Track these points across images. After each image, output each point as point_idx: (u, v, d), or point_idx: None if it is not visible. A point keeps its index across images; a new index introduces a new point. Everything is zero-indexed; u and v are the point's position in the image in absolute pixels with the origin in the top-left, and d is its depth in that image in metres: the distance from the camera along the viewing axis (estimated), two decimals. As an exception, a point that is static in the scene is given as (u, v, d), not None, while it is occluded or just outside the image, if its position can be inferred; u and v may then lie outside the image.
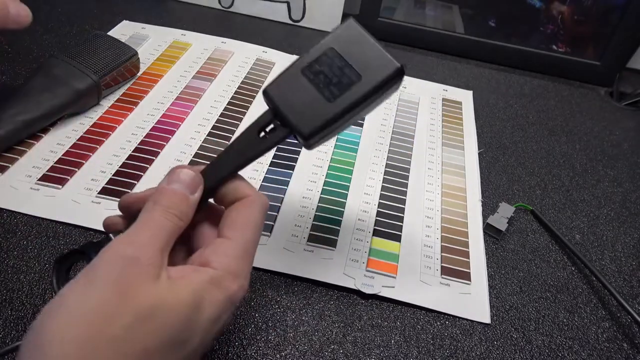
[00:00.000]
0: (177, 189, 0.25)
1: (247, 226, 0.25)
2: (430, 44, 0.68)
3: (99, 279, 0.20)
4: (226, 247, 0.24)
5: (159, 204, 0.24)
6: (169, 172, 0.26)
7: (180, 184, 0.25)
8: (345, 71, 0.27)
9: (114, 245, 0.22)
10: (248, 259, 0.25)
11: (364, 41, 0.28)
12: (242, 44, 0.60)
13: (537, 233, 0.42)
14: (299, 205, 0.40)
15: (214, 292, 0.22)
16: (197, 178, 0.26)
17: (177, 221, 0.24)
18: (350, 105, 0.27)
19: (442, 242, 0.39)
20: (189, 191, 0.25)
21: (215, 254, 0.24)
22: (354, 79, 0.27)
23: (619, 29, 0.62)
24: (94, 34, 0.50)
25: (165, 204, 0.24)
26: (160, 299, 0.20)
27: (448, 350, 0.32)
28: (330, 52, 0.28)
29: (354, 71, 0.27)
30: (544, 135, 0.55)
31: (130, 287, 0.20)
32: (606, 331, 0.35)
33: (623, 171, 0.51)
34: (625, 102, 0.63)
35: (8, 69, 0.51)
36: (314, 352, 0.31)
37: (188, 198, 0.25)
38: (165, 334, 0.20)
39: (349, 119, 0.28)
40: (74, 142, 0.43)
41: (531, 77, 0.66)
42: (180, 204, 0.24)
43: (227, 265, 0.23)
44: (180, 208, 0.24)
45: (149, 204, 0.24)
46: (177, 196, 0.25)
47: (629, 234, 0.43)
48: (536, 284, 0.38)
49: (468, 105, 0.57)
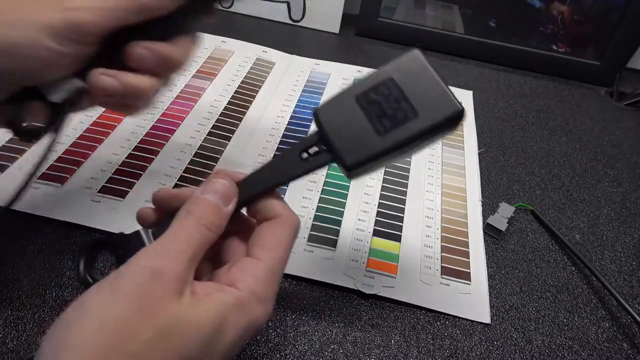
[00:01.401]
0: (210, 200, 0.24)
1: (277, 248, 0.25)
2: (430, 44, 0.68)
3: (124, 290, 0.20)
4: (254, 268, 0.24)
5: (191, 213, 0.24)
6: (206, 180, 0.26)
7: (215, 194, 0.25)
8: (401, 105, 0.26)
9: (142, 255, 0.21)
10: (274, 283, 0.24)
11: (426, 75, 0.26)
12: (242, 43, 0.60)
13: (537, 233, 0.42)
14: (299, 205, 0.40)
15: (237, 315, 0.22)
16: (233, 190, 0.26)
17: (207, 233, 0.23)
18: (400, 142, 0.25)
19: (442, 242, 0.39)
20: (222, 203, 0.25)
21: (243, 273, 0.23)
22: (409, 115, 0.25)
23: (619, 29, 0.62)
24: None
25: (198, 214, 0.24)
26: (181, 317, 0.20)
27: (448, 350, 0.32)
28: (389, 82, 0.26)
29: (411, 106, 0.25)
30: (544, 135, 0.55)
31: (152, 302, 0.20)
32: (606, 331, 0.35)
33: (623, 171, 0.51)
34: (625, 102, 0.63)
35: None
36: (314, 352, 0.31)
37: (221, 210, 0.25)
38: (183, 354, 0.20)
39: (397, 156, 0.27)
40: (73, 140, 0.43)
41: (531, 77, 0.66)
42: (213, 215, 0.24)
43: (253, 288, 0.23)
44: (212, 219, 0.24)
45: (182, 213, 0.24)
46: (210, 207, 0.24)
47: (629, 234, 0.43)
48: (536, 284, 0.38)
49: (468, 105, 0.57)
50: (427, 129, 0.25)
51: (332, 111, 0.27)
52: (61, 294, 0.32)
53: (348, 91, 0.27)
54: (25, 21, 0.25)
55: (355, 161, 0.26)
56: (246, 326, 0.22)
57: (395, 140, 0.25)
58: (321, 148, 0.27)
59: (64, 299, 0.31)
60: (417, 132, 0.25)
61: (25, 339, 0.29)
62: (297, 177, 0.27)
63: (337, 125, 0.26)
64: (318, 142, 0.27)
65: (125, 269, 0.21)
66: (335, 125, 0.26)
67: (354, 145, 0.26)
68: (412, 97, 0.26)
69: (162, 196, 0.27)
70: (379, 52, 0.67)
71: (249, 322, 0.22)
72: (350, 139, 0.26)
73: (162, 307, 0.20)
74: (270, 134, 0.47)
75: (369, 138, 0.26)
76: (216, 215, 0.24)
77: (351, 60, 0.62)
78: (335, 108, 0.27)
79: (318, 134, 0.27)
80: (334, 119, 0.26)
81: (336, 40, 0.68)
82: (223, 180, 0.25)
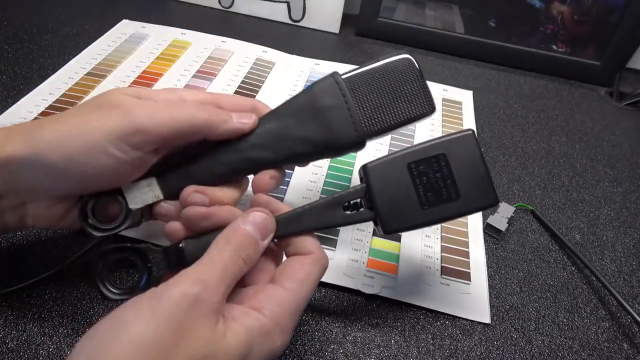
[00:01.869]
0: (250, 232, 0.25)
1: (306, 283, 0.25)
2: (430, 44, 0.68)
3: (163, 313, 0.20)
4: (281, 297, 0.24)
5: (230, 244, 0.24)
6: (246, 212, 0.26)
7: (255, 227, 0.25)
8: (447, 183, 0.27)
9: (182, 279, 0.22)
10: (297, 317, 0.25)
11: (475, 159, 0.28)
12: (242, 43, 0.60)
13: (537, 233, 0.42)
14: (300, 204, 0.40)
15: (261, 343, 0.22)
16: (271, 225, 0.26)
17: (243, 265, 0.24)
18: (439, 219, 0.28)
19: (442, 242, 0.39)
20: (260, 237, 0.25)
21: (269, 301, 0.24)
22: (452, 196, 0.27)
23: (619, 29, 0.62)
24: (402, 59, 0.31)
25: (236, 245, 0.24)
26: (213, 344, 0.21)
27: (448, 350, 0.32)
28: (442, 158, 0.28)
29: (456, 188, 0.27)
30: (544, 135, 0.55)
31: (190, 330, 0.20)
32: (606, 331, 0.35)
33: (623, 171, 0.51)
34: (625, 102, 0.63)
35: (8, 69, 0.51)
36: (314, 352, 0.31)
37: (258, 244, 0.25)
38: None
39: (428, 226, 0.29)
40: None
41: (531, 77, 0.66)
42: (250, 248, 0.25)
43: (279, 318, 0.23)
44: (248, 252, 0.25)
45: (221, 241, 0.24)
46: (248, 240, 0.25)
47: (629, 234, 0.43)
48: (536, 284, 0.38)
49: (468, 105, 0.56)
50: (465, 213, 0.28)
51: (382, 171, 0.28)
52: (61, 293, 0.32)
53: (401, 156, 0.28)
54: (90, 129, 0.26)
55: (395, 228, 0.28)
56: (268, 354, 0.23)
57: (435, 217, 0.27)
58: (364, 204, 0.28)
59: (64, 298, 0.31)
60: (456, 214, 0.28)
61: (25, 339, 0.29)
62: (335, 226, 0.29)
63: (385, 187, 0.28)
64: (362, 197, 0.28)
65: (166, 291, 0.21)
66: (383, 187, 0.28)
67: (396, 212, 0.28)
68: (458, 178, 0.27)
69: (194, 214, 0.27)
70: (379, 52, 0.67)
71: (271, 351, 0.23)
72: (395, 206, 0.27)
73: (198, 335, 0.21)
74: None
75: (412, 209, 0.27)
76: (253, 249, 0.25)
77: (351, 60, 0.62)
78: (387, 170, 0.28)
79: (364, 190, 0.28)
80: (382, 180, 0.28)
81: (336, 40, 0.68)
82: (263, 215, 0.26)
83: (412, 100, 0.30)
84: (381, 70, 0.30)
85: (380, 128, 0.30)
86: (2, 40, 0.55)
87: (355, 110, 0.30)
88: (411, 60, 0.31)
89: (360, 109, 0.30)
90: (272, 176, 0.30)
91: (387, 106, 0.30)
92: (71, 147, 0.25)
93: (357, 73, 0.31)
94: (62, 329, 0.30)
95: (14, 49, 0.54)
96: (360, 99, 0.30)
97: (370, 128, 0.30)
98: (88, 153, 0.25)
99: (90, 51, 0.55)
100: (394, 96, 0.30)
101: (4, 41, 0.55)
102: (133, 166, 0.27)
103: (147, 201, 0.30)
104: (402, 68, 0.30)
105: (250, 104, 0.32)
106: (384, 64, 0.31)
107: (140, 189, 0.29)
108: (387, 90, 0.30)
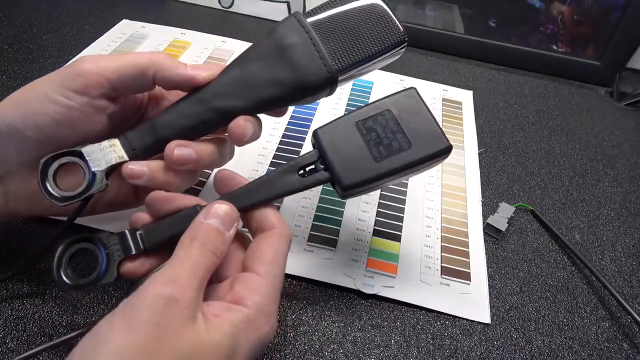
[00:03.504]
0: (214, 225, 0.25)
1: (275, 262, 0.25)
2: (430, 44, 0.68)
3: (139, 319, 0.20)
4: (258, 284, 0.24)
5: (196, 240, 0.24)
6: (207, 206, 0.26)
7: (218, 219, 0.25)
8: (397, 136, 0.28)
9: (152, 282, 0.22)
10: (277, 297, 0.25)
11: (420, 112, 0.29)
12: (242, 43, 0.60)
13: (537, 233, 0.42)
14: (299, 205, 0.40)
15: (248, 334, 0.23)
16: (234, 215, 0.26)
17: (213, 258, 0.24)
18: (394, 169, 0.28)
19: (442, 242, 0.39)
20: (225, 228, 0.25)
21: (248, 291, 0.24)
22: (403, 146, 0.28)
23: (619, 29, 0.62)
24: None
25: (202, 240, 0.24)
26: (197, 343, 0.21)
27: (448, 350, 0.32)
28: (388, 114, 0.29)
29: (406, 138, 0.28)
30: (544, 135, 0.55)
31: (169, 330, 0.20)
32: (606, 331, 0.35)
33: (623, 171, 0.51)
34: (625, 102, 0.63)
35: (8, 68, 0.51)
36: (314, 352, 0.31)
37: (224, 235, 0.25)
38: None
39: (388, 182, 0.29)
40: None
41: (531, 77, 0.66)
42: (216, 240, 0.25)
43: (260, 305, 0.23)
44: (216, 245, 0.24)
45: (186, 240, 0.24)
46: (214, 233, 0.25)
47: (629, 234, 0.43)
48: (536, 284, 0.38)
49: (468, 105, 0.56)
50: (419, 160, 0.28)
51: (332, 133, 0.29)
52: (61, 293, 0.32)
53: (348, 117, 0.29)
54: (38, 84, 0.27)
55: (352, 182, 0.28)
56: (257, 343, 0.23)
57: (390, 167, 0.28)
58: (318, 167, 0.29)
59: (64, 298, 0.31)
60: (410, 161, 0.28)
61: (25, 339, 0.29)
62: (293, 192, 0.29)
63: (337, 147, 0.28)
64: (316, 161, 0.29)
65: (138, 298, 0.21)
66: (335, 146, 0.28)
67: (351, 167, 0.28)
68: (407, 130, 0.28)
69: (155, 198, 0.27)
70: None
71: (259, 339, 0.23)
72: (349, 162, 0.28)
73: (178, 335, 0.20)
74: (270, 133, 0.47)
75: (366, 163, 0.28)
76: (219, 240, 0.25)
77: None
78: (335, 130, 0.29)
79: (317, 154, 0.29)
80: (333, 141, 0.28)
81: (336, 40, 0.68)
82: (225, 206, 0.26)
83: (380, 30, 0.30)
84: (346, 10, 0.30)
85: (350, 62, 0.29)
86: (2, 40, 0.55)
87: (320, 45, 0.29)
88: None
89: (327, 44, 0.29)
90: (245, 119, 0.29)
91: (354, 39, 0.30)
92: (22, 103, 0.26)
93: (317, 7, 0.31)
94: (62, 329, 0.30)
95: (14, 49, 0.54)
96: (326, 34, 0.30)
97: (340, 63, 0.29)
98: (37, 105, 0.26)
99: (90, 51, 0.55)
100: (360, 29, 0.30)
101: (4, 41, 0.55)
102: (86, 114, 0.27)
103: (110, 162, 0.28)
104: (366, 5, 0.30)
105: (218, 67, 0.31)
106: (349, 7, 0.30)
107: (102, 150, 0.28)
108: (352, 24, 0.30)
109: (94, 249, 0.27)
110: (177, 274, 0.22)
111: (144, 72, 0.28)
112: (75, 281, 0.26)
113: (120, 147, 0.29)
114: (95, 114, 0.28)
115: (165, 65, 0.28)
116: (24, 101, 0.26)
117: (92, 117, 0.28)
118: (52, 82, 0.26)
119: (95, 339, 0.20)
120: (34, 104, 0.26)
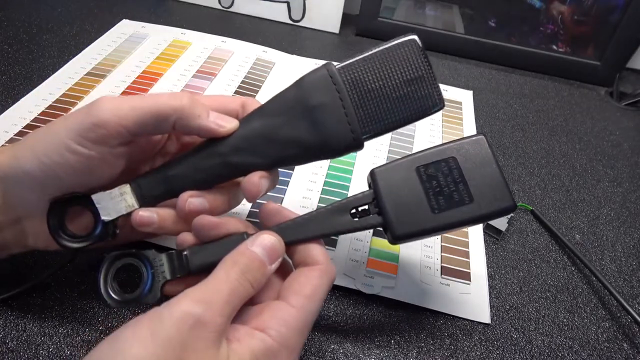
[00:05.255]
0: (258, 255, 0.24)
1: (312, 298, 0.24)
2: (430, 44, 0.68)
3: (164, 335, 0.20)
4: (288, 315, 0.23)
5: (238, 265, 0.24)
6: (255, 235, 0.26)
7: (263, 249, 0.25)
8: (459, 187, 0.26)
9: (185, 299, 0.21)
10: (305, 333, 0.24)
11: (487, 163, 0.26)
12: (242, 43, 0.60)
13: (537, 233, 0.42)
14: (299, 205, 0.40)
15: None
16: (280, 249, 0.26)
17: (249, 288, 0.23)
18: (451, 224, 0.26)
19: (442, 242, 0.39)
20: (269, 260, 0.25)
21: (275, 320, 0.23)
22: (465, 200, 0.26)
23: (619, 29, 0.62)
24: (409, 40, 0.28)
25: (243, 268, 0.24)
26: None
27: (448, 350, 0.32)
28: (452, 162, 0.26)
29: (468, 191, 0.26)
30: (544, 135, 0.55)
31: (190, 354, 0.20)
32: (606, 331, 0.35)
33: (623, 171, 0.51)
34: (625, 102, 0.63)
35: (8, 68, 0.51)
36: (314, 352, 0.31)
37: (266, 267, 0.25)
38: None
39: (442, 233, 0.27)
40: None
41: (531, 77, 0.66)
42: (257, 272, 0.24)
43: (285, 338, 0.23)
44: (256, 276, 0.24)
45: (229, 262, 0.24)
46: (257, 262, 0.24)
47: (629, 234, 0.43)
48: (536, 284, 0.38)
49: (468, 105, 0.56)
50: (479, 217, 0.26)
51: (391, 176, 0.27)
52: (61, 293, 0.32)
53: (408, 160, 0.27)
54: (55, 129, 0.26)
55: (405, 233, 0.26)
56: None
57: (447, 221, 0.26)
58: (371, 209, 0.27)
59: (64, 298, 0.31)
60: (470, 218, 0.26)
61: (25, 338, 0.29)
62: (343, 233, 0.28)
63: (393, 191, 0.26)
64: (370, 203, 0.27)
65: (167, 310, 0.21)
66: (391, 191, 0.26)
67: (406, 216, 0.26)
68: (471, 181, 0.26)
69: (203, 224, 0.26)
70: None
71: None
72: (404, 209, 0.26)
73: (199, 358, 0.20)
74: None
75: (422, 213, 0.26)
76: (260, 272, 0.24)
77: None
78: (394, 173, 0.27)
79: (372, 195, 0.27)
80: (391, 185, 0.27)
81: (336, 40, 0.68)
82: (273, 238, 0.25)
83: (417, 93, 0.27)
84: (381, 58, 0.27)
85: (380, 128, 0.27)
86: (2, 40, 0.55)
87: (351, 108, 0.26)
88: (415, 42, 0.27)
89: (357, 105, 0.27)
90: (261, 176, 0.28)
91: (388, 101, 0.27)
92: (39, 150, 0.25)
93: (353, 62, 0.27)
94: (62, 329, 0.30)
95: (14, 49, 0.54)
96: (357, 93, 0.27)
97: (369, 128, 0.27)
98: (54, 152, 0.25)
99: (90, 51, 0.55)
100: (396, 88, 0.27)
101: (4, 41, 0.55)
102: (105, 161, 0.26)
103: (120, 212, 0.28)
104: (405, 55, 0.27)
105: (239, 101, 0.31)
106: (384, 49, 0.27)
107: (113, 199, 0.28)
108: (388, 82, 0.27)
109: (140, 265, 0.26)
110: (212, 297, 0.22)
111: (165, 120, 0.27)
112: (121, 296, 0.25)
113: (131, 194, 0.28)
114: (115, 160, 0.27)
115: (186, 114, 0.27)
116: (43, 151, 0.25)
117: (112, 163, 0.27)
118: (70, 130, 0.25)
119: (115, 345, 0.20)
120: (53, 155, 0.25)
